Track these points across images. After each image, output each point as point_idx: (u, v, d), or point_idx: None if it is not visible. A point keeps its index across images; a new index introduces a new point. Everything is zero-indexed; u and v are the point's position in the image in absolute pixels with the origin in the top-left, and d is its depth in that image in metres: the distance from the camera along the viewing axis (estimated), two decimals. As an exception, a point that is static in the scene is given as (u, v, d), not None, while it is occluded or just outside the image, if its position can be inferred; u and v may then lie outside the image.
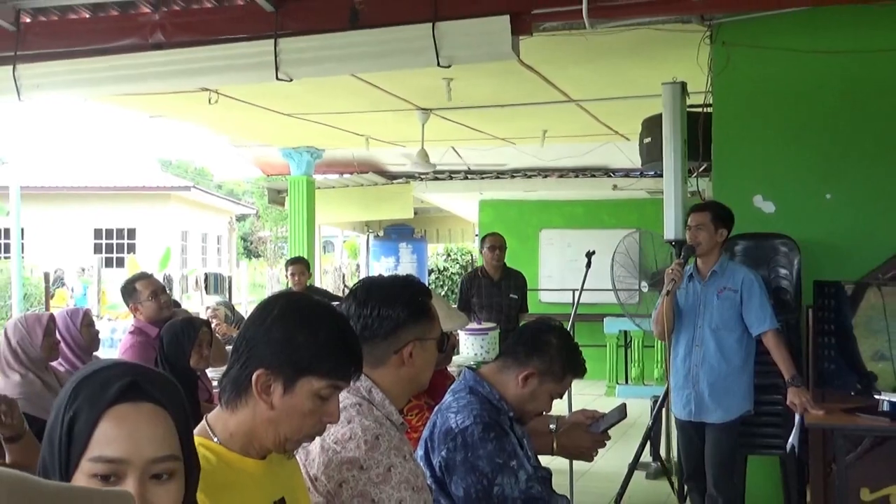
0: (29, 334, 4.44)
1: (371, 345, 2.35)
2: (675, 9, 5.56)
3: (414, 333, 2.45)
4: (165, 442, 1.38)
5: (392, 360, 2.44)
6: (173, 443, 1.39)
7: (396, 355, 2.44)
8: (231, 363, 1.98)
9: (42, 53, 6.48)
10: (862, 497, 5.08)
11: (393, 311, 2.44)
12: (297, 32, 5.88)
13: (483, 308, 8.03)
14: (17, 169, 17.93)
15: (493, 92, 8.24)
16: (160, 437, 1.37)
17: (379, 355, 2.40)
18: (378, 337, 2.41)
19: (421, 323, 2.48)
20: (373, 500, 2.21)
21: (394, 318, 2.43)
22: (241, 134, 11.50)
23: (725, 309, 4.88)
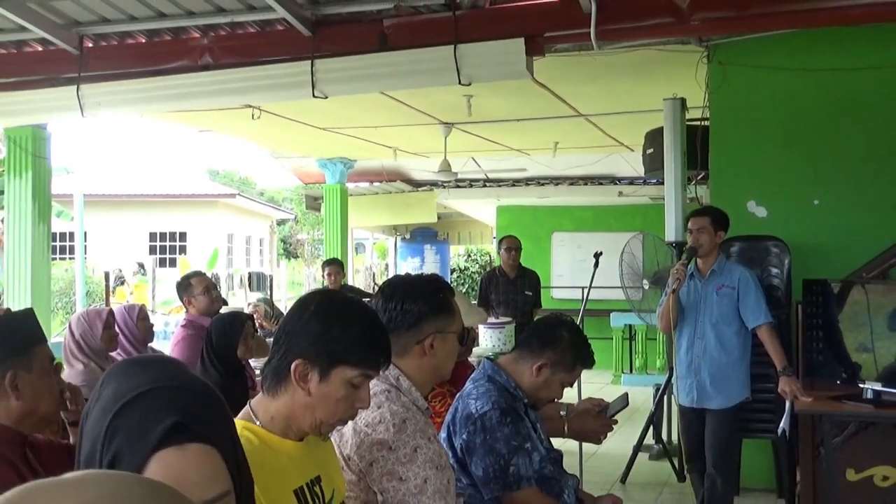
0: (90, 327, 4.47)
1: (396, 336, 2.34)
2: (675, 31, 5.54)
3: (435, 326, 2.45)
4: (215, 481, 1.20)
5: (415, 351, 2.43)
6: (223, 477, 1.21)
7: (418, 346, 2.43)
8: (272, 354, 1.99)
9: (103, 75, 6.53)
10: (848, 477, 5.04)
11: (415, 306, 2.44)
12: (332, 54, 5.90)
13: (500, 304, 8.03)
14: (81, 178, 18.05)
15: (509, 107, 8.24)
16: (209, 479, 1.19)
17: (403, 345, 2.40)
18: (401, 329, 2.41)
19: (441, 317, 2.47)
20: (400, 478, 2.21)
21: (416, 312, 2.43)
22: (281, 146, 11.54)
23: (724, 305, 4.86)
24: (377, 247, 29.46)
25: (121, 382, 1.25)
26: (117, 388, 1.24)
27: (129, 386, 1.24)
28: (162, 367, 1.33)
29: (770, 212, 6.03)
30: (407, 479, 2.21)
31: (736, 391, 4.84)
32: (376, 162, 12.36)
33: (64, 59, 6.50)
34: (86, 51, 6.48)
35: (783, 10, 5.24)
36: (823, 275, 5.41)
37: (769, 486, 5.89)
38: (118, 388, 1.24)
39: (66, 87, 6.53)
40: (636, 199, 12.89)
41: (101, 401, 1.24)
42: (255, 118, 7.97)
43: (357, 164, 12.36)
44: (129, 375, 1.27)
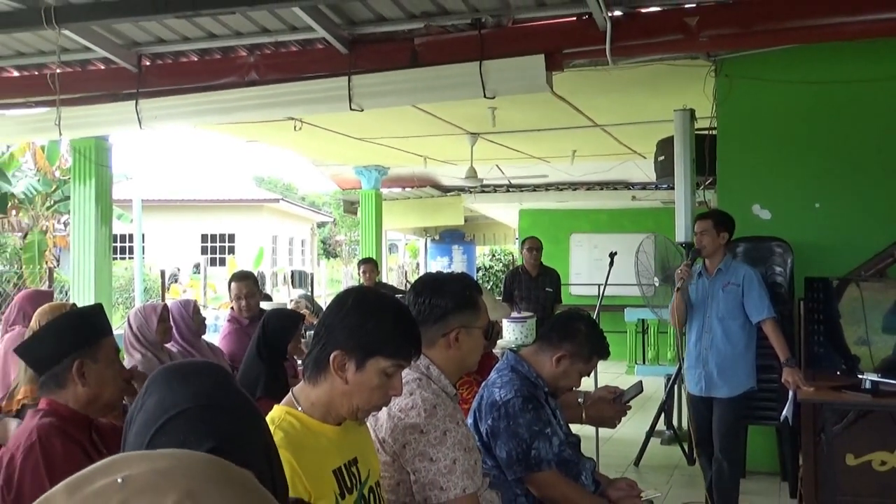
0: (146, 321, 4.52)
1: (424, 328, 2.34)
2: (685, 47, 5.51)
3: (460, 321, 2.45)
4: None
5: (441, 343, 2.44)
6: (256, 499, 1.15)
7: (444, 338, 2.43)
8: (312, 345, 2.00)
9: (159, 90, 6.59)
10: (847, 462, 4.99)
11: (442, 301, 2.44)
12: (367, 70, 5.92)
13: (523, 300, 8.03)
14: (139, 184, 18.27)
15: (530, 118, 8.23)
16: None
17: (431, 338, 2.40)
18: (429, 322, 2.41)
19: (466, 312, 2.47)
20: (431, 459, 2.21)
21: (442, 307, 2.44)
22: (320, 155, 11.60)
23: (729, 301, 4.84)
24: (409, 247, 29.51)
25: (164, 395, 1.23)
26: (160, 401, 1.22)
27: (171, 401, 1.22)
28: (203, 379, 1.30)
29: (774, 214, 5.99)
30: (437, 460, 2.21)
31: (741, 381, 4.81)
32: (408, 169, 12.39)
33: (124, 77, 6.57)
34: (144, 69, 6.55)
35: (785, 27, 5.20)
36: (824, 273, 5.38)
37: (773, 469, 5.85)
38: (161, 401, 1.22)
39: (125, 102, 6.61)
40: (648, 203, 12.82)
41: (144, 412, 1.22)
42: (297, 129, 8.00)
43: (390, 171, 12.40)
44: (172, 388, 1.25)
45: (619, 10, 5.31)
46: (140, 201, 16.73)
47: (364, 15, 5.74)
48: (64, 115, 6.70)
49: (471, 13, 5.55)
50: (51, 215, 20.00)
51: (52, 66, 6.54)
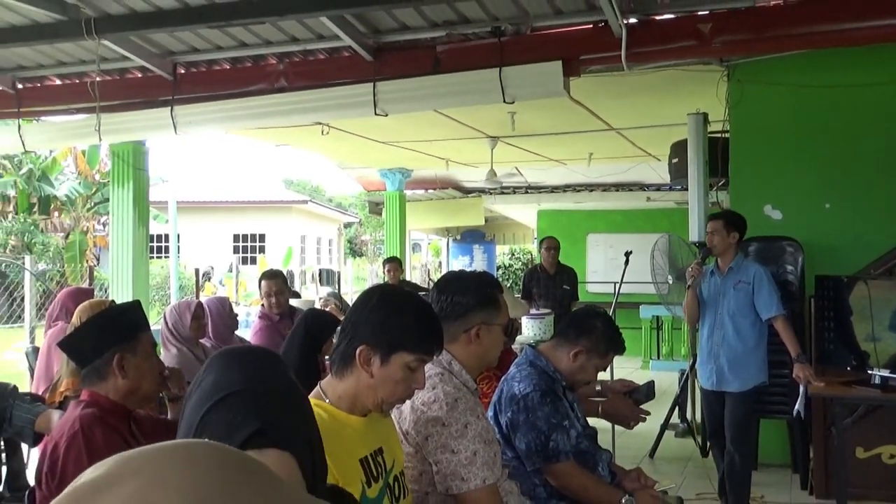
0: (180, 318, 4.55)
1: (446, 324, 2.35)
2: (698, 53, 5.48)
3: (481, 318, 2.45)
4: None
5: (462, 339, 2.44)
6: (296, 481, 1.19)
7: (466, 334, 2.44)
8: (339, 341, 2.01)
9: (193, 97, 6.64)
10: (857, 455, 4.96)
11: (464, 298, 2.45)
12: (391, 77, 5.93)
13: (541, 297, 8.02)
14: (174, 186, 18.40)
15: (548, 122, 8.21)
16: None
17: (452, 333, 2.40)
18: (451, 318, 2.41)
19: (487, 310, 2.47)
20: (452, 451, 2.22)
21: (464, 304, 2.44)
22: (347, 158, 11.63)
23: (740, 298, 4.80)
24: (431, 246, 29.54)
25: (221, 375, 1.26)
26: (216, 381, 1.25)
27: (226, 381, 1.25)
28: (259, 364, 1.32)
29: (785, 215, 5.95)
30: (458, 452, 2.22)
31: (752, 376, 4.77)
32: (430, 171, 12.39)
33: (160, 84, 6.63)
34: (178, 76, 6.59)
35: (796, 32, 5.16)
36: (834, 272, 5.34)
37: (785, 461, 5.80)
38: (217, 380, 1.25)
39: (161, 109, 6.65)
40: (663, 204, 12.76)
41: (202, 389, 1.25)
42: (325, 134, 8.03)
43: (414, 174, 12.42)
44: (229, 369, 1.28)
45: (634, 18, 5.29)
46: (175, 203, 16.86)
47: (388, 24, 5.75)
48: (103, 122, 6.76)
49: (491, 21, 5.55)
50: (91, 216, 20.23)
51: (92, 75, 6.61)
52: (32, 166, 19.16)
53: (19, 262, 11.88)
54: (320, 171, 46.34)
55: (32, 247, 19.54)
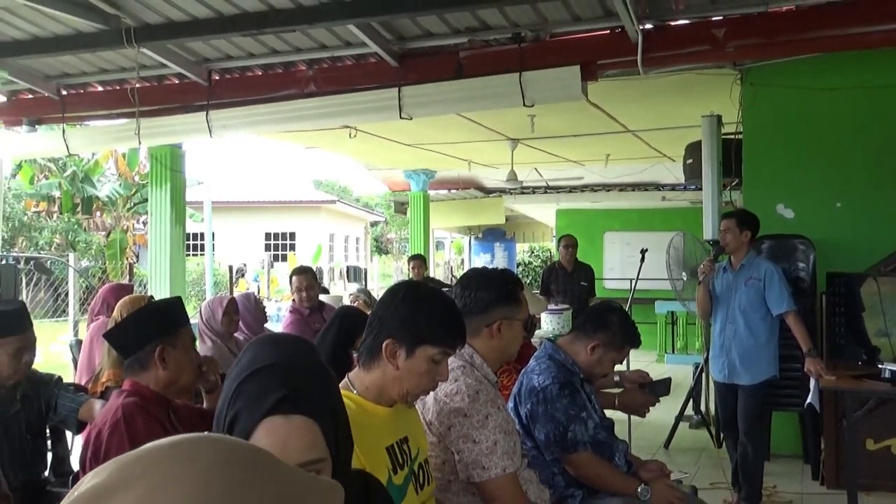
0: (212, 313, 4.59)
1: (469, 319, 2.36)
2: (712, 57, 5.44)
3: (502, 313, 2.46)
4: (312, 448, 1.21)
5: (484, 333, 2.44)
6: (319, 446, 1.22)
7: (487, 329, 2.44)
8: (366, 335, 2.02)
9: (227, 102, 6.68)
10: (867, 447, 4.91)
11: (487, 294, 2.45)
12: (416, 82, 5.94)
13: (559, 293, 7.99)
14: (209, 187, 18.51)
15: (567, 125, 8.18)
16: (306, 445, 1.20)
17: (475, 327, 2.40)
18: (474, 313, 2.42)
19: (509, 306, 2.48)
20: (474, 441, 2.22)
21: (486, 300, 2.45)
22: (373, 160, 11.66)
23: (751, 294, 4.75)
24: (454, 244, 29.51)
25: (255, 354, 1.30)
26: (251, 358, 1.29)
27: (260, 358, 1.29)
28: (289, 346, 1.36)
29: (797, 213, 5.89)
30: (480, 442, 2.22)
31: (763, 369, 4.73)
32: (453, 172, 12.40)
33: (196, 90, 6.68)
34: (213, 82, 6.64)
35: (808, 36, 5.11)
36: (845, 269, 5.29)
37: (797, 453, 5.75)
38: (252, 358, 1.29)
39: (197, 113, 6.71)
40: (677, 203, 12.69)
41: (238, 366, 1.30)
42: (352, 137, 8.05)
43: (437, 175, 12.42)
44: (263, 349, 1.32)
45: (650, 24, 5.27)
46: (210, 203, 16.98)
47: (413, 31, 5.76)
48: (142, 126, 6.82)
49: (511, 28, 5.54)
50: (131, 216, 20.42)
51: (132, 81, 6.67)
52: (76, 168, 19.37)
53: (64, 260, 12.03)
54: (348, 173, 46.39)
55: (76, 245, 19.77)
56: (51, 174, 19.54)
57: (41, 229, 20.45)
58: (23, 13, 5.65)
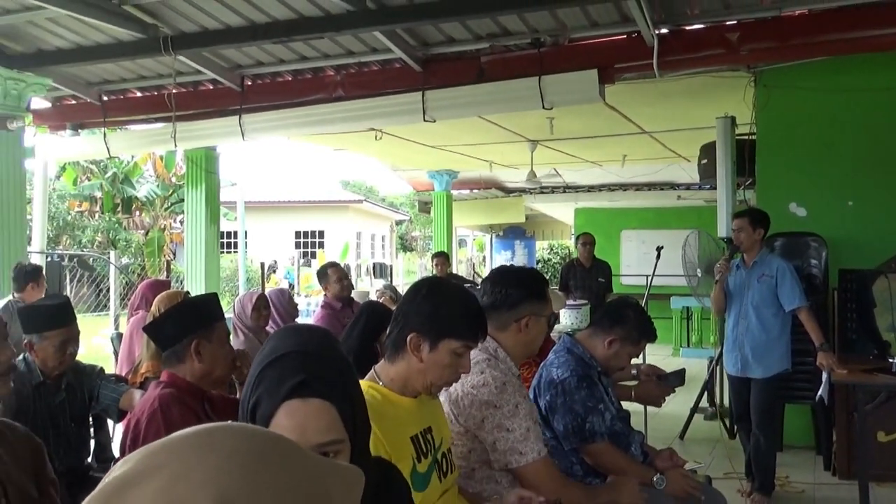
0: (243, 309, 4.62)
1: (498, 314, 2.38)
2: (726, 60, 5.39)
3: (531, 310, 2.46)
4: (330, 430, 1.21)
5: (512, 327, 2.45)
6: (337, 428, 1.22)
7: (516, 324, 2.45)
8: (391, 329, 2.02)
9: (259, 106, 6.73)
10: (878, 439, 4.85)
11: (516, 291, 2.46)
12: (439, 86, 5.94)
13: (578, 289, 7.96)
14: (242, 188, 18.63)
15: (584, 127, 8.15)
16: (325, 427, 1.21)
17: (503, 322, 2.42)
18: (503, 308, 2.43)
19: (538, 302, 2.49)
20: (507, 430, 2.23)
21: (516, 296, 2.45)
22: (398, 161, 11.68)
23: (764, 290, 4.70)
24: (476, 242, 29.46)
25: (277, 343, 1.31)
26: (273, 347, 1.30)
27: (281, 346, 1.30)
28: (309, 335, 1.36)
29: (809, 211, 5.82)
30: (513, 430, 2.24)
31: (775, 363, 4.67)
32: (475, 173, 12.40)
33: (229, 95, 6.73)
34: (246, 88, 6.69)
35: (820, 39, 5.05)
36: (857, 265, 5.22)
37: (809, 444, 5.68)
38: (274, 346, 1.31)
39: (230, 118, 6.76)
40: (692, 202, 12.58)
41: (261, 354, 1.31)
42: (378, 139, 8.08)
43: (459, 175, 12.42)
44: (284, 338, 1.33)
45: (666, 28, 5.23)
46: (243, 203, 17.09)
47: (436, 37, 5.76)
48: (179, 129, 6.89)
49: (531, 33, 5.53)
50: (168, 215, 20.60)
51: (169, 87, 6.74)
52: (116, 170, 19.59)
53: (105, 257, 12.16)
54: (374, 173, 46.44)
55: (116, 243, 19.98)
56: (93, 176, 19.76)
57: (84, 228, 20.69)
58: (66, 23, 5.73)
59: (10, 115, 6.32)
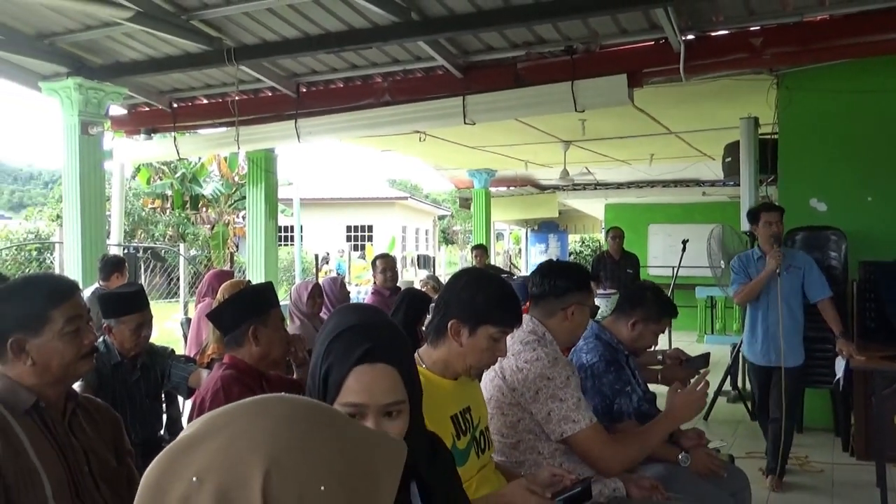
0: (299, 297, 4.65)
1: (546, 302, 2.42)
2: (750, 64, 5.28)
3: (577, 299, 2.49)
4: (394, 391, 1.27)
5: (559, 314, 2.47)
6: (400, 390, 1.28)
7: (562, 311, 2.47)
8: (433, 316, 2.03)
9: (313, 111, 6.79)
10: (895, 422, 4.70)
11: (564, 282, 2.49)
12: (478, 91, 5.93)
13: (607, 279, 7.89)
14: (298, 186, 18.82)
15: (614, 128, 8.05)
16: (389, 388, 1.26)
17: (551, 310, 2.45)
18: (552, 297, 2.46)
19: (582, 293, 2.52)
20: (560, 399, 2.24)
21: (563, 287, 2.48)
22: (441, 161, 11.68)
23: (794, 281, 4.52)
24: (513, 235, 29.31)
25: (340, 319, 1.35)
26: (337, 322, 1.34)
27: (344, 322, 1.34)
28: (368, 312, 1.40)
29: (829, 207, 5.68)
30: (565, 400, 2.24)
31: (802, 353, 4.54)
32: (512, 171, 12.34)
33: (286, 101, 6.80)
34: (301, 94, 6.75)
35: (840, 43, 4.92)
36: (875, 258, 5.08)
37: (828, 426, 5.55)
38: (337, 322, 1.35)
39: (287, 122, 6.83)
40: (716, 198, 12.36)
41: (325, 331, 1.35)
42: (422, 140, 8.09)
43: (497, 173, 12.38)
44: (346, 315, 1.37)
45: (692, 34, 5.14)
46: (299, 199, 17.27)
47: (475, 45, 5.74)
48: (241, 133, 6.98)
49: (564, 41, 5.48)
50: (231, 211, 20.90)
51: (232, 95, 6.83)
52: (185, 171, 19.92)
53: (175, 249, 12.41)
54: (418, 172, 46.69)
55: (185, 236, 20.36)
56: (164, 176, 20.12)
57: (156, 223, 21.12)
58: (140, 37, 5.84)
59: (90, 122, 6.47)
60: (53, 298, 1.72)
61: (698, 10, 4.94)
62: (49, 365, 1.70)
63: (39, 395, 1.70)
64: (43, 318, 1.70)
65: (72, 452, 1.71)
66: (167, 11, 5.22)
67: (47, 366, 1.70)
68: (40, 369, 1.70)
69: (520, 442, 2.28)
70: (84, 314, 1.78)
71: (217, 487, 0.64)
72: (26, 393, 1.69)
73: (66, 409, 1.77)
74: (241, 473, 0.64)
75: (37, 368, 1.70)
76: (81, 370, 1.77)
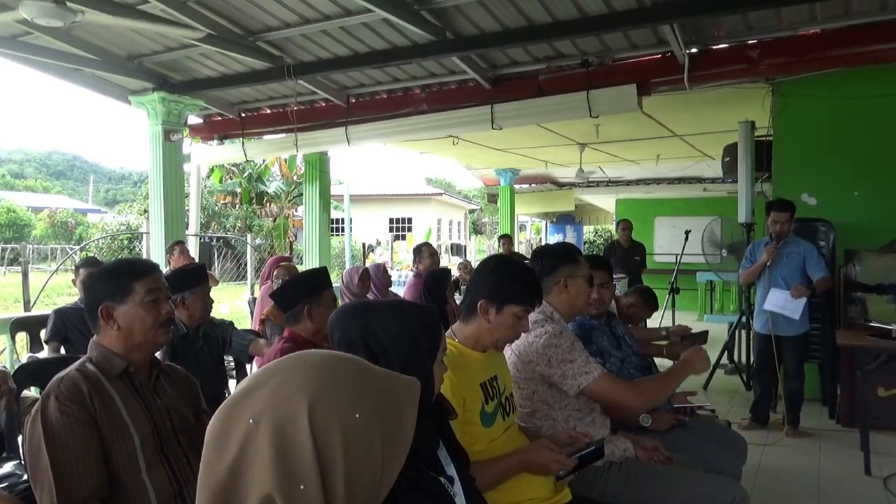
0: (350, 279, 4.69)
1: (542, 281, 2.33)
2: (748, 74, 5.14)
3: (566, 271, 2.39)
4: None
5: (554, 289, 2.39)
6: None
7: (556, 286, 2.39)
8: (465, 296, 2.02)
9: (361, 119, 6.80)
10: (879, 393, 4.61)
11: (551, 259, 2.41)
12: (505, 100, 5.88)
13: (617, 265, 7.78)
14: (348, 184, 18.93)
15: (625, 131, 7.94)
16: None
17: (547, 287, 2.37)
18: (545, 275, 2.38)
19: (570, 264, 2.40)
20: (570, 360, 2.19)
21: (551, 263, 2.40)
22: (472, 161, 11.65)
23: (792, 265, 4.58)
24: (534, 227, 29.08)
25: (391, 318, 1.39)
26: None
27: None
28: (416, 311, 1.42)
29: (819, 200, 5.53)
30: (575, 359, 2.20)
31: (801, 324, 4.58)
32: (534, 170, 12.25)
33: (337, 110, 6.82)
34: (350, 104, 6.77)
35: (831, 54, 4.76)
36: (860, 246, 4.94)
37: (817, 396, 5.43)
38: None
39: (338, 128, 6.85)
40: (716, 194, 12.16)
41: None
42: (455, 144, 8.07)
43: (521, 172, 12.31)
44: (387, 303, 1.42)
45: (695, 48, 5.04)
46: (349, 196, 17.37)
47: (502, 60, 5.69)
48: (299, 138, 7.03)
49: (581, 55, 5.40)
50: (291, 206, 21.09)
51: (291, 105, 6.88)
52: (251, 171, 20.15)
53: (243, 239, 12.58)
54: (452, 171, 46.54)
55: (252, 228, 20.62)
56: (234, 175, 20.38)
57: (227, 216, 21.42)
58: (214, 57, 5.91)
59: (172, 130, 6.58)
60: (135, 273, 1.76)
61: (701, 26, 4.83)
62: (132, 330, 1.73)
63: (129, 361, 1.74)
64: (127, 288, 1.74)
65: (157, 410, 1.75)
66: (236, 34, 5.27)
67: (131, 331, 1.73)
68: (125, 334, 1.73)
69: (535, 411, 2.26)
70: (163, 288, 1.81)
71: (271, 424, 0.68)
72: (118, 359, 1.73)
73: (152, 373, 1.81)
74: (290, 409, 0.68)
75: (122, 333, 1.73)
76: (161, 339, 1.79)
